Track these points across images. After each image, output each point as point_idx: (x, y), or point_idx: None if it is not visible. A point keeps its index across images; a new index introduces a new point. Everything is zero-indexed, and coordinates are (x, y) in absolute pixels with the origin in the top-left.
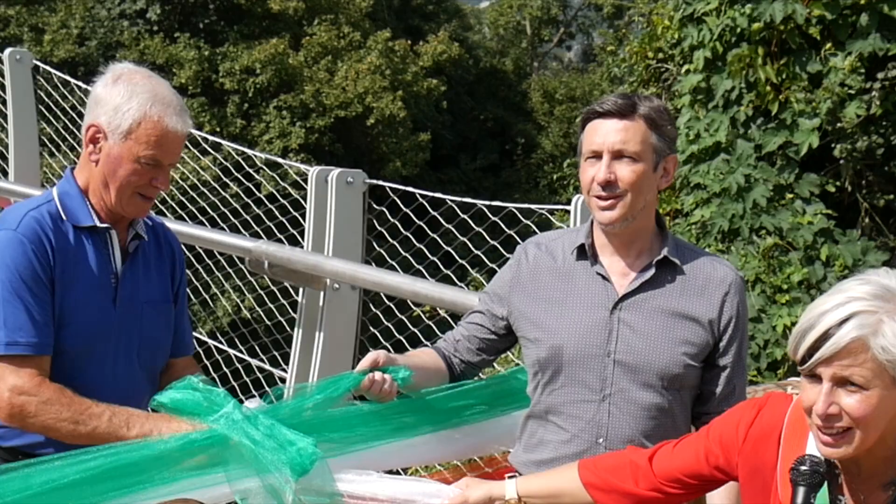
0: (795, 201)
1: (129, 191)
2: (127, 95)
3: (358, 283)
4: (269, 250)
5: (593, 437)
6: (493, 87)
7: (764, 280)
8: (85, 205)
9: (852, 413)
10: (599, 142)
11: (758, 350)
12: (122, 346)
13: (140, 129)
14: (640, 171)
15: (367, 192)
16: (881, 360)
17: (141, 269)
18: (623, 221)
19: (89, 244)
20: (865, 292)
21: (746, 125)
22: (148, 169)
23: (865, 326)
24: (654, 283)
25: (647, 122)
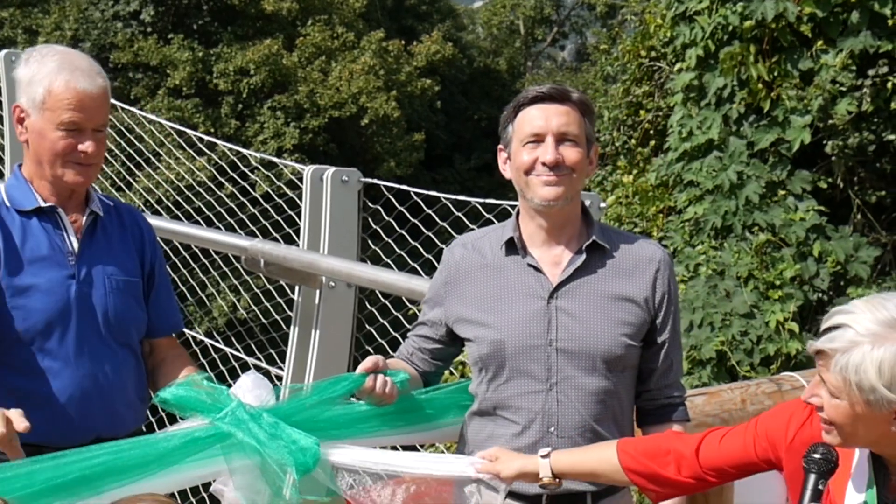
0: (788, 198)
1: (60, 161)
2: (38, 68)
3: (353, 281)
4: (265, 249)
5: (545, 426)
6: (486, 87)
7: (757, 276)
8: (29, 190)
9: (829, 413)
10: (540, 126)
11: (751, 346)
12: (87, 322)
13: (52, 97)
14: (580, 153)
15: (362, 191)
16: (843, 377)
17: (102, 246)
18: (565, 199)
19: (38, 227)
20: (875, 317)
21: (739, 122)
22: (71, 135)
23: (839, 340)
24: (586, 268)
25: (580, 108)
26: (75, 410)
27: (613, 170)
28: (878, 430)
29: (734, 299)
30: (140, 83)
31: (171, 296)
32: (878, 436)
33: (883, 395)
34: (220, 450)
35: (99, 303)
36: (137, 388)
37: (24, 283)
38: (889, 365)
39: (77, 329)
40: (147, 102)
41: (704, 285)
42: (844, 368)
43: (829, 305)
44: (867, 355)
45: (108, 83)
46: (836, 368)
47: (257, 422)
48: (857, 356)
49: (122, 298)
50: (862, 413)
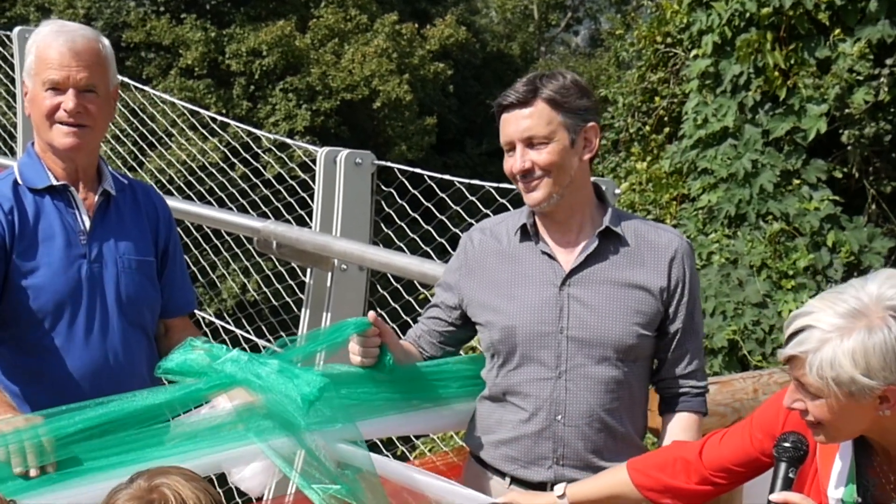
0: (802, 187)
1: (48, 123)
2: (32, 40)
3: (366, 264)
4: (278, 230)
5: (552, 414)
6: (499, 72)
7: (770, 266)
8: (41, 168)
9: (814, 413)
10: (509, 133)
11: (763, 335)
12: (98, 302)
13: (39, 60)
14: (555, 150)
15: (376, 174)
16: (820, 376)
17: (115, 225)
18: (549, 200)
19: (50, 205)
20: (834, 310)
21: (754, 110)
22: (53, 94)
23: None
24: (599, 255)
25: (549, 103)
26: (87, 390)
27: (627, 156)
28: (865, 419)
29: (747, 288)
30: (152, 63)
31: (185, 275)
32: (868, 424)
33: (863, 384)
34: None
35: (110, 282)
36: (150, 368)
37: (35, 262)
38: (861, 352)
39: (88, 309)
40: (159, 82)
41: (717, 274)
42: (820, 367)
43: None
44: (838, 349)
45: (103, 47)
46: (812, 370)
47: (260, 362)
48: (829, 352)
49: (135, 278)
50: (846, 405)
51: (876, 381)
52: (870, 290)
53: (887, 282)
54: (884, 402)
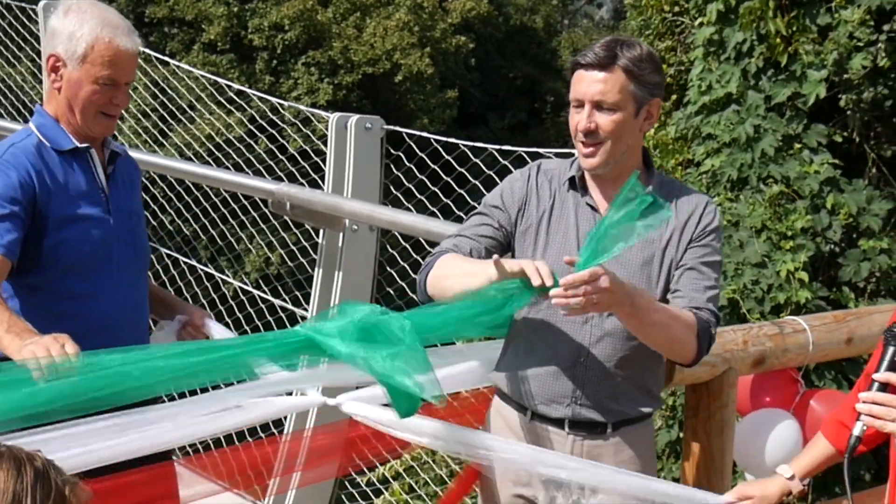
0: (803, 151)
1: (93, 110)
2: (78, 23)
3: (375, 223)
4: (291, 192)
5: (575, 356)
6: (522, 45)
7: (770, 227)
8: (61, 130)
9: None
10: (581, 92)
11: (762, 294)
12: (122, 253)
13: (94, 52)
14: (620, 119)
15: (385, 138)
16: None
17: (121, 182)
18: (605, 166)
19: (74, 165)
20: None
21: (757, 77)
22: (106, 89)
23: None
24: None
25: (626, 72)
26: (114, 334)
27: None
28: None
29: (747, 249)
30: (175, 38)
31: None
32: None
33: None
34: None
35: (129, 235)
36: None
37: (73, 215)
38: None
39: (116, 258)
40: (182, 58)
41: None
42: None
43: (840, 257)
44: None
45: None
46: None
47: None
48: None
49: (141, 232)
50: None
51: None
52: None
53: None
54: None
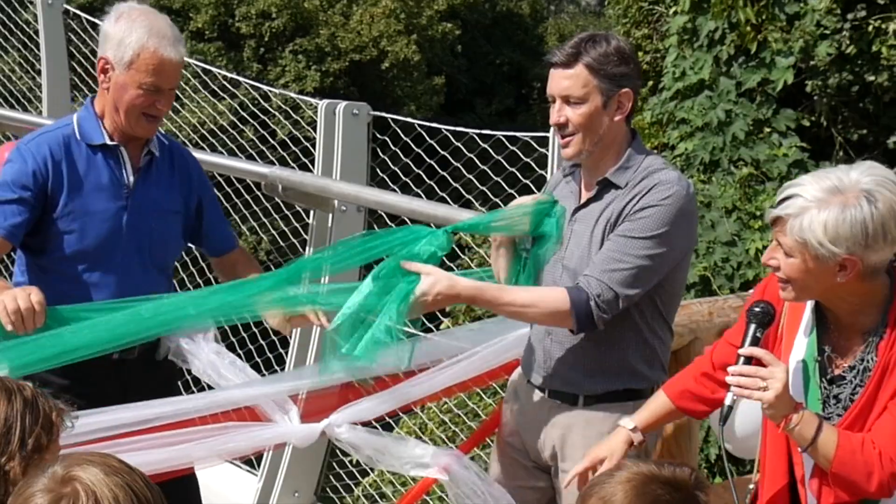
0: (773, 135)
1: (136, 112)
2: (128, 30)
3: (361, 203)
4: (283, 175)
5: (545, 329)
6: (509, 31)
7: (740, 207)
8: (99, 126)
9: (785, 270)
10: (551, 88)
11: (731, 271)
12: (132, 246)
13: (140, 60)
14: (586, 111)
15: (371, 124)
16: (796, 237)
17: (153, 182)
18: (579, 155)
19: (102, 160)
20: (819, 185)
21: (729, 63)
22: (150, 94)
23: (792, 207)
24: (597, 197)
25: (588, 68)
26: None
27: None
28: (826, 282)
29: (718, 229)
30: None
31: (222, 217)
32: (827, 287)
33: (829, 249)
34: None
35: (144, 231)
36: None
37: (83, 208)
38: (833, 223)
39: (124, 252)
40: None
41: None
42: (798, 229)
43: None
44: (814, 217)
45: (185, 49)
46: (791, 231)
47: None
48: (807, 219)
49: (164, 228)
50: (812, 267)
51: (839, 249)
52: (851, 175)
53: (867, 171)
54: (842, 269)
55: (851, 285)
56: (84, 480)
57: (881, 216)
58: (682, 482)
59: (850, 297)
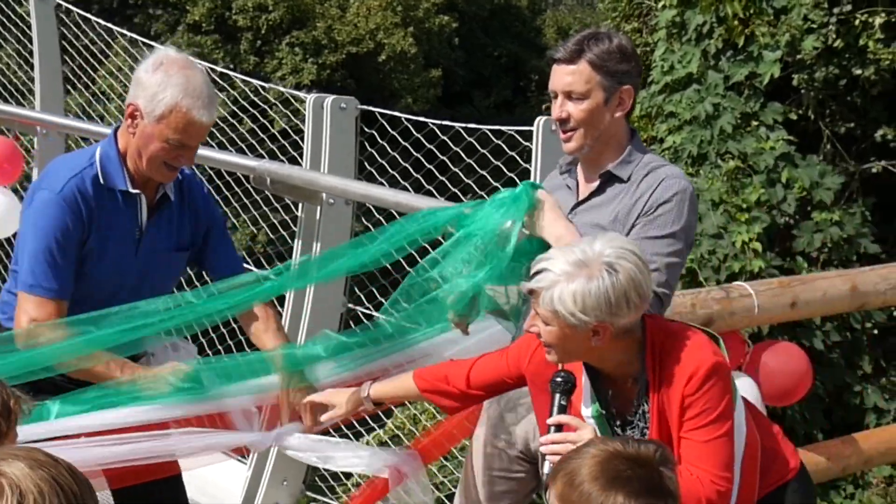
0: (760, 128)
1: (158, 162)
2: (163, 85)
3: (349, 196)
4: (271, 168)
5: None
6: (506, 23)
7: (726, 200)
8: (122, 170)
9: (545, 337)
10: (554, 84)
11: (718, 263)
12: (138, 285)
13: (171, 117)
14: (589, 107)
15: (359, 118)
16: (550, 308)
17: (164, 223)
18: (580, 150)
19: (121, 203)
20: (566, 259)
21: (717, 57)
22: (175, 148)
23: (543, 280)
24: (599, 191)
25: (591, 65)
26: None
27: None
28: (584, 345)
29: (705, 221)
30: (160, 19)
31: (230, 245)
32: (586, 349)
33: (579, 318)
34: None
35: (151, 271)
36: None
37: (98, 251)
38: (580, 294)
39: (129, 291)
40: (167, 38)
41: None
42: (549, 301)
43: (794, 228)
44: (564, 289)
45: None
46: (544, 302)
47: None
48: (557, 291)
49: (170, 266)
50: (568, 334)
51: (589, 317)
52: (595, 247)
53: (609, 242)
54: (595, 334)
55: (608, 345)
56: (9, 475)
57: (622, 286)
58: (645, 458)
59: (610, 355)
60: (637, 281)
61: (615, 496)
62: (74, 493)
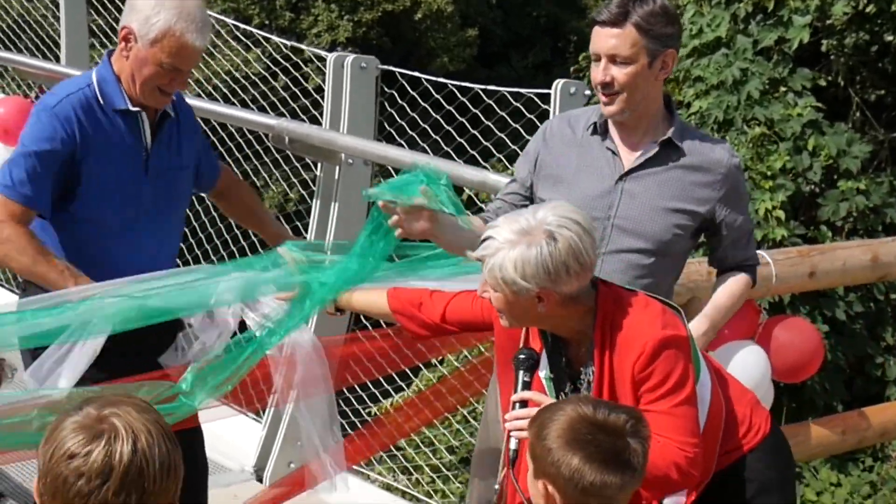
0: (788, 94)
1: (151, 86)
2: (157, 8)
3: (366, 157)
4: (290, 127)
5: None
6: None
7: (751, 167)
8: (119, 90)
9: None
10: (598, 47)
11: None
12: (154, 210)
13: (164, 41)
14: (633, 71)
15: (379, 77)
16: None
17: (169, 141)
18: (622, 113)
19: (122, 124)
20: (510, 228)
21: (746, 21)
22: (168, 72)
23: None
24: (657, 160)
25: (637, 28)
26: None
27: None
28: (532, 311)
29: None
30: None
31: (210, 152)
32: (535, 315)
33: (521, 285)
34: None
35: (163, 193)
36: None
37: (105, 173)
38: (520, 262)
39: (144, 215)
40: None
41: None
42: (493, 268)
43: (819, 197)
44: (505, 256)
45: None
46: (488, 269)
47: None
48: (499, 258)
49: (180, 186)
50: (514, 300)
51: (530, 284)
52: (538, 215)
53: (552, 211)
54: (540, 300)
55: (557, 312)
56: (123, 417)
57: (560, 254)
58: (612, 427)
59: (561, 322)
60: (577, 249)
61: (572, 457)
62: (171, 436)
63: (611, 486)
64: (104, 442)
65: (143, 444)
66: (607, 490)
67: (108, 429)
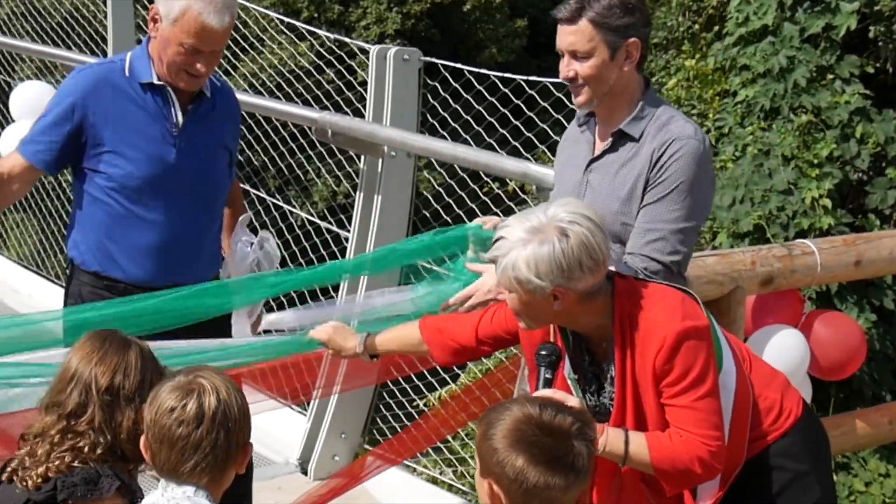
0: (835, 81)
1: (175, 67)
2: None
3: (408, 149)
4: (333, 120)
5: None
6: None
7: (798, 156)
8: (149, 66)
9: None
10: (559, 44)
11: (787, 220)
12: (181, 185)
13: (183, 20)
14: (594, 64)
15: (422, 69)
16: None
17: (203, 121)
18: (590, 104)
19: (150, 98)
20: (521, 226)
21: (793, 8)
22: (190, 53)
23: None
24: (612, 150)
25: (592, 23)
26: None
27: (678, 54)
28: (549, 310)
29: (775, 177)
30: None
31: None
32: (552, 313)
33: (536, 284)
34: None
35: (192, 171)
36: (213, 244)
37: (130, 144)
38: (533, 260)
39: (172, 191)
40: None
41: (751, 164)
42: (506, 268)
43: (867, 185)
44: (518, 255)
45: (235, 15)
46: (501, 270)
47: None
48: (512, 258)
49: (212, 165)
50: (529, 300)
51: (545, 282)
52: (549, 212)
53: (563, 207)
54: (556, 298)
55: (576, 308)
56: (207, 377)
57: (573, 250)
58: (557, 429)
59: (581, 318)
60: (589, 245)
61: (516, 458)
62: (241, 392)
63: (555, 487)
64: (195, 396)
65: (225, 395)
66: (551, 491)
67: (197, 386)
